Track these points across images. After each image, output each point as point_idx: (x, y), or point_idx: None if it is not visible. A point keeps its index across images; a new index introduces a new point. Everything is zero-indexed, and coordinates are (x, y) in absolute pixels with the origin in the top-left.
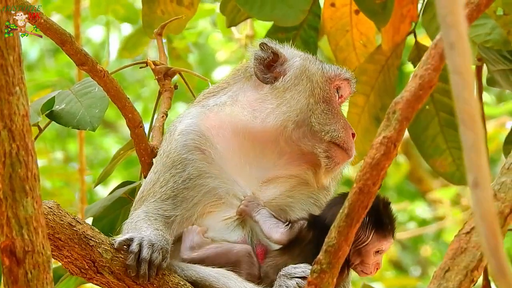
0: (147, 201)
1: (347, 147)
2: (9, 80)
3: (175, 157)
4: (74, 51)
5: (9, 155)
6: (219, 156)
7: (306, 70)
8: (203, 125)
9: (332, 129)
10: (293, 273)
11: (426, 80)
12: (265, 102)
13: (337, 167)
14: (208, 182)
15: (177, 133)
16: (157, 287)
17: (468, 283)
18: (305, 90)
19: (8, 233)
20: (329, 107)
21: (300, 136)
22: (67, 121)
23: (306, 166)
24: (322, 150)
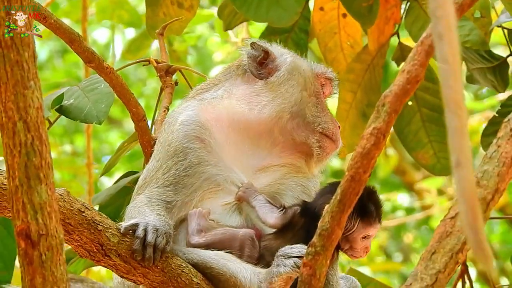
0: (149, 186)
1: (336, 139)
2: (24, 75)
3: (177, 146)
4: (82, 50)
5: (24, 145)
6: (217, 146)
7: (298, 66)
8: (202, 117)
9: (323, 121)
10: (290, 253)
11: (413, 75)
12: (260, 96)
13: (327, 157)
14: (208, 170)
15: (178, 123)
16: (161, 268)
17: (453, 264)
18: (298, 84)
19: (23, 218)
20: (318, 101)
21: (294, 126)
22: (75, 115)
23: (298, 155)
24: (315, 141)
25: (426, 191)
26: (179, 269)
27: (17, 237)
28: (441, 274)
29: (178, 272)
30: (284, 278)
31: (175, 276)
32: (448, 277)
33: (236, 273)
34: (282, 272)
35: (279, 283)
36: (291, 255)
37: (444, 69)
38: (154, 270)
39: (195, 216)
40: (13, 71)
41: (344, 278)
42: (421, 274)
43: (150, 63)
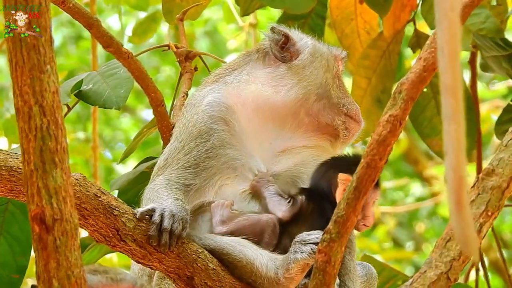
0: (170, 167)
1: (359, 119)
2: (40, 59)
3: (201, 127)
4: (100, 34)
5: (40, 129)
6: (241, 130)
7: (319, 49)
8: (229, 99)
9: (347, 102)
10: (308, 239)
11: (430, 62)
12: (285, 79)
13: (352, 138)
14: (228, 153)
15: (204, 104)
16: (177, 254)
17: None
18: (322, 66)
19: (38, 202)
20: (340, 82)
21: (320, 108)
22: (94, 100)
23: (322, 137)
24: (340, 122)
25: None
26: (194, 254)
27: (32, 222)
28: (456, 262)
29: (194, 258)
30: (301, 265)
31: (190, 262)
32: (462, 264)
33: (252, 259)
34: (299, 258)
35: (296, 270)
36: (308, 242)
37: (441, 55)
38: (170, 255)
39: (218, 208)
40: (29, 55)
41: (360, 265)
42: (436, 261)
43: (170, 48)
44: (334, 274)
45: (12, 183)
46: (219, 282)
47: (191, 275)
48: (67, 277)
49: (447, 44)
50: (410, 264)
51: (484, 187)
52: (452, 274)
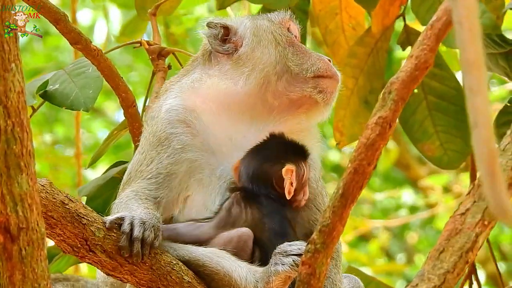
0: (134, 181)
1: (332, 74)
2: (4, 56)
3: (161, 134)
4: (67, 30)
5: (4, 132)
6: (204, 128)
7: (260, 25)
8: (187, 100)
9: (310, 65)
10: (289, 251)
11: (422, 60)
12: (238, 69)
13: (333, 96)
14: (190, 156)
15: (162, 112)
16: (149, 266)
17: (463, 264)
18: (270, 42)
19: (2, 210)
20: (295, 47)
21: (285, 85)
22: (60, 101)
23: (298, 112)
24: (311, 88)
25: (431, 189)
26: (168, 266)
27: None
28: (450, 275)
29: (168, 270)
30: (282, 278)
31: (164, 274)
32: (457, 277)
33: (231, 271)
34: (280, 271)
35: (277, 283)
36: (290, 253)
37: (459, 29)
38: (142, 267)
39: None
40: None
41: (347, 277)
42: (428, 274)
43: (142, 45)
44: (319, 287)
45: None
46: None
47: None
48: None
49: (465, 19)
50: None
51: (481, 195)
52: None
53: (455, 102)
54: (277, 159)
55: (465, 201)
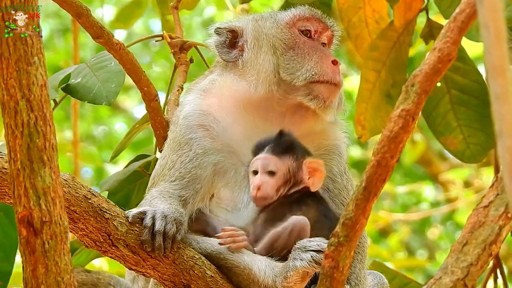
0: (158, 185)
1: (328, 78)
2: (27, 50)
3: (181, 139)
4: (90, 24)
5: (27, 125)
6: (223, 131)
7: (261, 27)
8: (203, 104)
9: (303, 71)
10: (308, 246)
11: (445, 53)
12: (247, 75)
13: (329, 101)
14: (213, 159)
15: (180, 118)
16: (172, 260)
17: (486, 257)
18: (269, 49)
19: (25, 204)
20: (295, 51)
21: (283, 93)
22: (83, 95)
23: (308, 115)
24: (302, 96)
25: (451, 183)
26: (191, 261)
27: (19, 225)
28: (473, 267)
29: (191, 264)
30: (300, 273)
31: (187, 268)
32: (480, 270)
33: (250, 265)
34: (299, 266)
35: (295, 278)
36: (309, 249)
37: (485, 34)
38: (165, 261)
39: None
40: (15, 45)
41: (371, 274)
42: (452, 267)
43: (164, 38)
44: (342, 280)
45: None
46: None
47: (188, 283)
48: (57, 284)
49: (492, 22)
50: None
51: (504, 187)
52: (470, 280)
53: (478, 96)
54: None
55: (488, 194)
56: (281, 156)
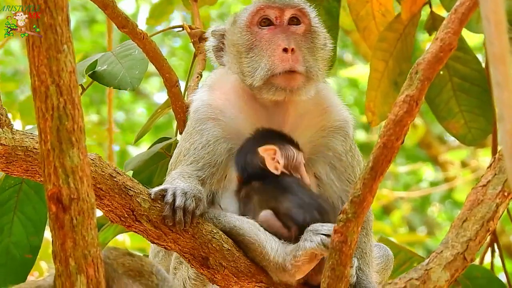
0: (175, 170)
1: (281, 69)
2: (57, 38)
3: (192, 131)
4: (115, 15)
5: (57, 109)
6: (231, 121)
7: (230, 34)
8: (210, 99)
9: (259, 71)
10: (320, 230)
11: (446, 43)
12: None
13: (290, 87)
14: (226, 147)
15: (191, 112)
16: (192, 234)
17: (484, 232)
18: (234, 55)
19: (55, 182)
20: (254, 51)
21: (256, 92)
22: (108, 81)
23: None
24: (267, 92)
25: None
26: (209, 235)
27: (48, 201)
28: (472, 242)
29: (209, 238)
30: (309, 254)
31: (205, 242)
32: (479, 245)
33: (264, 242)
34: (308, 247)
35: (303, 258)
36: (320, 232)
37: (487, 25)
38: (185, 235)
39: None
40: (46, 34)
41: (377, 246)
42: (452, 241)
43: (184, 29)
44: (350, 254)
45: (27, 163)
46: (233, 262)
47: (206, 256)
48: (84, 257)
49: (492, 14)
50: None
51: (501, 168)
52: (469, 254)
53: (478, 83)
54: (258, 144)
55: (486, 173)
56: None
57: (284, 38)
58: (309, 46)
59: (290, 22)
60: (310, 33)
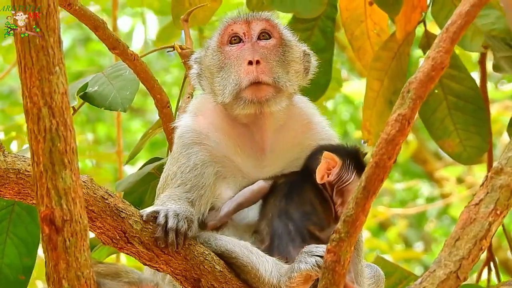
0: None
1: (247, 82)
2: (49, 60)
3: (178, 156)
4: (106, 36)
5: (49, 131)
6: (214, 144)
7: (204, 57)
8: (194, 124)
9: (228, 88)
10: (314, 252)
11: (438, 61)
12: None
13: (258, 98)
14: (213, 170)
15: (176, 138)
16: (183, 256)
17: (477, 251)
18: (208, 77)
19: (48, 203)
20: (223, 70)
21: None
22: (99, 102)
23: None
24: (238, 108)
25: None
26: (201, 256)
27: (41, 223)
28: (465, 261)
29: (201, 260)
30: (304, 275)
31: (197, 264)
32: (472, 263)
33: (258, 265)
34: (302, 269)
35: (298, 280)
36: (315, 254)
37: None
38: (177, 257)
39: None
40: (38, 56)
41: (368, 266)
42: (445, 260)
43: (175, 49)
44: (343, 273)
45: (19, 186)
46: (225, 284)
47: (198, 277)
48: (77, 278)
49: None
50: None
51: (493, 186)
52: (462, 273)
53: (473, 101)
54: (329, 148)
55: (478, 192)
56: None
57: (250, 52)
58: (279, 59)
59: (261, 37)
60: (281, 46)
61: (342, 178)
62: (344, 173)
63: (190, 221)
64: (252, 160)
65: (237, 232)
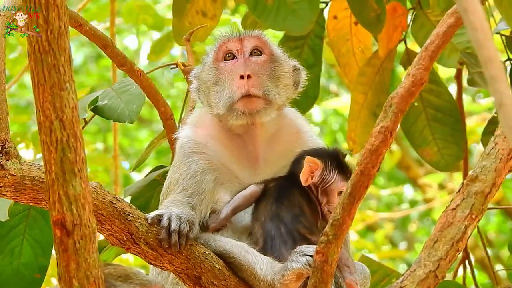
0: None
1: (239, 95)
2: (60, 77)
3: (180, 164)
4: (114, 54)
5: (60, 142)
6: (213, 153)
7: (201, 73)
8: (193, 135)
9: (222, 100)
10: (305, 251)
11: (418, 78)
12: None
13: (250, 110)
14: (212, 177)
15: (178, 147)
16: (185, 255)
17: (454, 252)
18: (204, 91)
19: (59, 209)
20: (218, 84)
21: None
22: (109, 115)
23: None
24: (231, 119)
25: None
26: (202, 256)
27: (53, 227)
28: (443, 261)
29: (201, 259)
30: (296, 273)
31: (198, 263)
32: (449, 263)
33: (254, 264)
34: (295, 267)
35: (290, 277)
36: (306, 253)
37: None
38: (179, 257)
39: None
40: (50, 74)
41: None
42: (425, 260)
43: (178, 66)
44: (331, 272)
45: (34, 192)
46: (224, 281)
47: (199, 275)
48: (86, 277)
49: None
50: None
51: (469, 192)
52: (440, 272)
53: (450, 113)
54: (312, 153)
55: (455, 198)
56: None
57: (242, 67)
58: (269, 73)
59: (253, 53)
60: (271, 62)
61: (325, 179)
62: (326, 174)
63: (191, 223)
64: (247, 167)
65: (235, 233)
